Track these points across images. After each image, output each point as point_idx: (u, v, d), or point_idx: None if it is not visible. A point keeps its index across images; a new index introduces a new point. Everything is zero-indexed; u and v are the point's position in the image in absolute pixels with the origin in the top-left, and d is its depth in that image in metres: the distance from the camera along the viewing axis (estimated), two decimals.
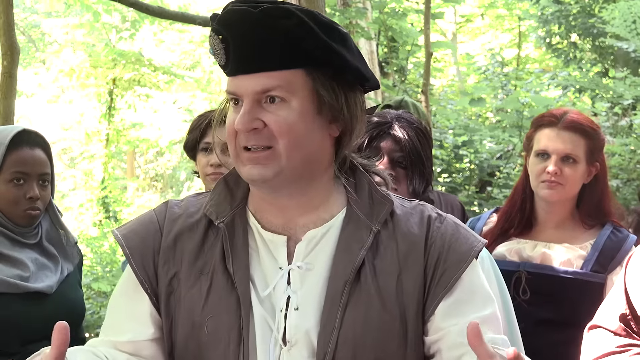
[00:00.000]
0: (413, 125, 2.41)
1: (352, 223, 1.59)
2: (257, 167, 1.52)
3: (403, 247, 1.58)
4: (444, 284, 1.56)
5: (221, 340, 1.53)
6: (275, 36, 1.49)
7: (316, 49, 1.50)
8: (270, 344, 1.53)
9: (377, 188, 1.65)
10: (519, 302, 2.58)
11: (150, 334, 1.59)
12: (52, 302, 2.47)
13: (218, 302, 1.54)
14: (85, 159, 14.38)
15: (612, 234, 2.65)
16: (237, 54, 1.51)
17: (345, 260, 1.55)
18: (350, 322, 1.52)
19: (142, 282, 1.59)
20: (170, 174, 19.99)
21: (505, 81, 9.89)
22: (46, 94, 14.52)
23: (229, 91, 1.55)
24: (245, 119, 1.50)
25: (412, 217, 1.63)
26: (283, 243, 1.58)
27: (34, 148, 2.51)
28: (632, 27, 8.71)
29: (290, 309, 1.54)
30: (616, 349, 2.09)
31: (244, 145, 1.53)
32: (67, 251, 2.61)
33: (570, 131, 2.65)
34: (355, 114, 1.58)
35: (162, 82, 13.04)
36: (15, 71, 4.15)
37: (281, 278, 1.56)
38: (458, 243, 1.60)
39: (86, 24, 13.96)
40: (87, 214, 12.46)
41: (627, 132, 7.81)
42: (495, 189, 7.39)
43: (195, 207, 1.65)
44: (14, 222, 2.48)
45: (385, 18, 7.49)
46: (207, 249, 1.59)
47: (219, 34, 1.52)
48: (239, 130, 1.51)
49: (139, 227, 1.65)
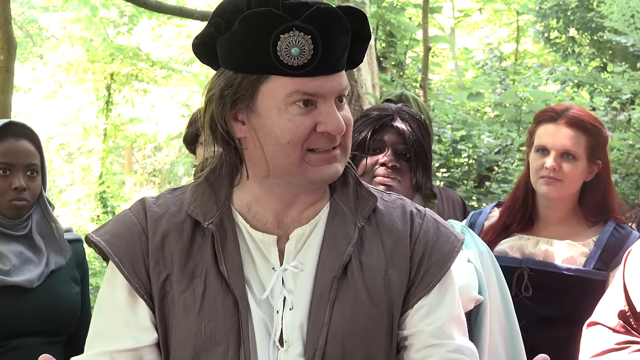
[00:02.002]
0: (415, 117, 2.41)
1: (337, 218, 1.59)
2: (334, 166, 1.53)
3: (388, 242, 1.59)
4: (425, 283, 1.58)
5: (219, 343, 1.51)
6: (348, 37, 1.50)
7: (364, 51, 1.57)
8: (270, 345, 1.52)
9: (361, 183, 1.65)
10: (521, 299, 2.58)
11: (152, 339, 1.56)
12: (34, 297, 2.45)
13: (214, 305, 1.52)
14: (83, 154, 14.33)
15: (615, 231, 2.63)
16: (327, 54, 1.48)
17: (333, 256, 1.55)
18: (339, 318, 1.52)
19: (137, 288, 1.55)
20: (168, 169, 19.97)
21: (504, 76, 9.88)
22: (44, 89, 14.49)
23: (309, 92, 1.49)
24: (341, 122, 1.51)
25: (395, 211, 1.63)
26: (274, 242, 1.57)
27: (19, 139, 2.50)
28: (630, 22, 8.69)
29: (286, 309, 1.53)
30: (615, 346, 2.08)
31: (314, 147, 1.51)
32: (58, 244, 2.59)
33: (571, 127, 2.64)
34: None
35: (160, 76, 13.00)
36: (12, 65, 4.13)
37: (277, 280, 1.54)
38: (440, 242, 1.61)
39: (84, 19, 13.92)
40: (84, 209, 12.44)
41: (625, 126, 7.80)
42: (493, 183, 7.38)
43: (176, 206, 1.60)
44: (2, 213, 2.47)
45: (383, 12, 7.46)
46: (195, 251, 1.56)
47: (309, 33, 1.46)
48: (341, 132, 1.51)
49: (120, 229, 1.59)
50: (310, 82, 1.48)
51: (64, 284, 2.57)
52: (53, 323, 2.50)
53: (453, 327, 1.59)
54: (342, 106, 1.53)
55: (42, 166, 2.57)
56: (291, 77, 1.48)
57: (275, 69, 1.47)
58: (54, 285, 2.53)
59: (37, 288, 2.47)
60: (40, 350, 2.46)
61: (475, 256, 2.28)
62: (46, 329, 2.48)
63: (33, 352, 2.43)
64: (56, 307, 2.51)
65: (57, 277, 2.55)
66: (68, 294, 2.57)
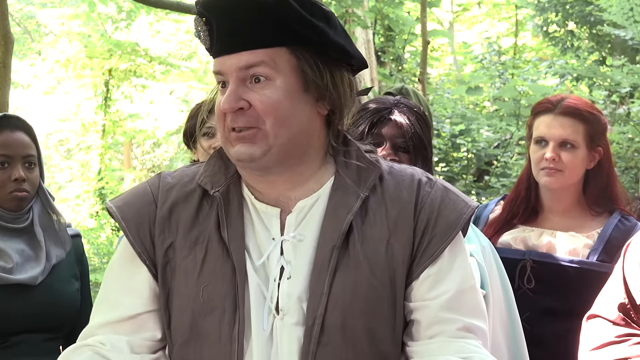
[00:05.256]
0: (413, 110, 2.39)
1: (339, 190, 1.59)
2: (245, 146, 1.53)
3: (393, 211, 1.58)
4: (430, 252, 1.57)
5: (216, 307, 1.53)
6: (256, 15, 1.50)
7: (298, 26, 1.51)
8: (264, 312, 1.53)
9: (364, 155, 1.65)
10: (524, 291, 2.57)
11: (151, 306, 1.60)
12: (36, 294, 2.46)
13: (213, 270, 1.55)
14: (82, 151, 14.32)
15: (619, 223, 2.62)
16: (220, 34, 1.53)
17: (333, 226, 1.55)
18: (339, 287, 1.52)
19: (139, 253, 1.59)
20: (167, 165, 19.96)
21: (502, 70, 9.87)
22: (42, 86, 14.47)
23: (215, 71, 1.56)
24: (230, 99, 1.52)
25: (402, 181, 1.62)
26: (276, 215, 1.59)
27: (15, 131, 2.51)
28: (629, 15, 8.68)
29: (284, 278, 1.55)
30: (615, 338, 2.08)
31: (232, 127, 1.54)
32: (58, 236, 2.59)
33: (567, 116, 2.63)
34: (341, 91, 1.58)
35: (159, 72, 13.00)
36: (10, 61, 4.12)
37: (274, 248, 1.56)
38: (447, 209, 1.59)
39: (82, 15, 13.90)
40: (83, 206, 12.43)
41: (624, 120, 7.80)
42: (492, 177, 7.38)
43: (188, 177, 1.65)
44: (3, 206, 2.47)
45: (381, 6, 7.46)
46: (201, 219, 1.60)
47: (202, 16, 1.54)
48: (225, 110, 1.53)
49: (132, 198, 1.65)
50: (217, 62, 1.56)
51: (64, 281, 2.57)
52: (54, 320, 2.50)
53: (464, 300, 1.57)
54: (257, 87, 1.53)
55: (39, 158, 2.57)
56: (214, 59, 1.57)
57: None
58: (56, 282, 2.53)
59: (39, 285, 2.47)
60: (41, 347, 2.47)
61: (477, 250, 2.27)
62: (47, 326, 2.48)
63: (34, 348, 2.44)
64: (57, 305, 2.51)
65: (58, 274, 2.55)
66: (69, 291, 2.57)
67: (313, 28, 1.52)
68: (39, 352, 2.45)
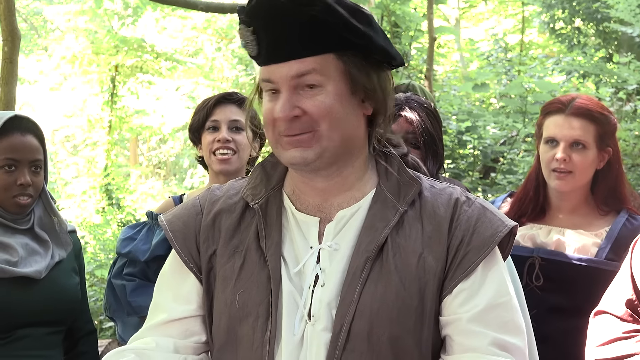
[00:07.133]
0: (423, 106, 2.40)
1: (379, 203, 1.64)
2: (299, 150, 1.58)
3: (428, 227, 1.62)
4: (464, 267, 1.59)
5: (250, 314, 1.60)
6: (304, 23, 1.53)
7: (345, 32, 1.55)
8: (296, 319, 1.58)
9: (406, 169, 1.69)
10: (532, 288, 2.57)
11: (195, 311, 1.68)
12: (41, 288, 2.47)
13: (249, 277, 1.62)
14: (88, 147, 14.33)
15: (627, 222, 2.62)
16: (268, 43, 1.56)
17: (370, 237, 1.60)
18: (369, 296, 1.56)
19: (185, 261, 1.68)
20: (173, 161, 19.98)
21: (509, 66, 9.83)
22: (49, 81, 14.51)
23: (264, 78, 1.59)
24: (285, 107, 1.56)
25: (440, 198, 1.66)
26: (315, 224, 1.64)
27: (25, 134, 2.50)
28: (636, 12, 8.66)
29: (318, 285, 1.59)
30: (622, 334, 2.08)
31: (285, 134, 1.58)
32: (60, 238, 2.61)
33: (578, 117, 2.62)
34: (387, 91, 1.64)
35: (165, 68, 13.01)
36: (16, 57, 4.13)
37: (311, 256, 1.62)
38: (482, 227, 1.62)
39: (88, 11, 13.95)
40: (90, 201, 12.45)
41: (631, 117, 7.77)
42: (499, 174, 7.36)
43: (235, 190, 1.74)
44: (5, 208, 2.48)
45: (388, 3, 7.44)
46: (243, 229, 1.67)
47: (249, 26, 1.58)
48: (279, 118, 1.57)
49: (182, 211, 1.76)
50: (265, 70, 1.60)
51: (66, 276, 2.59)
52: (57, 313, 2.51)
53: (496, 315, 1.58)
54: (310, 94, 1.57)
55: (45, 160, 2.57)
56: (261, 67, 1.61)
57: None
58: (58, 276, 2.54)
59: (43, 279, 2.48)
60: (44, 340, 2.48)
61: None
62: (50, 319, 2.49)
63: (37, 341, 2.45)
64: (60, 298, 2.52)
65: (60, 269, 2.57)
66: (70, 285, 2.59)
67: (358, 33, 1.57)
68: (42, 345, 2.46)
